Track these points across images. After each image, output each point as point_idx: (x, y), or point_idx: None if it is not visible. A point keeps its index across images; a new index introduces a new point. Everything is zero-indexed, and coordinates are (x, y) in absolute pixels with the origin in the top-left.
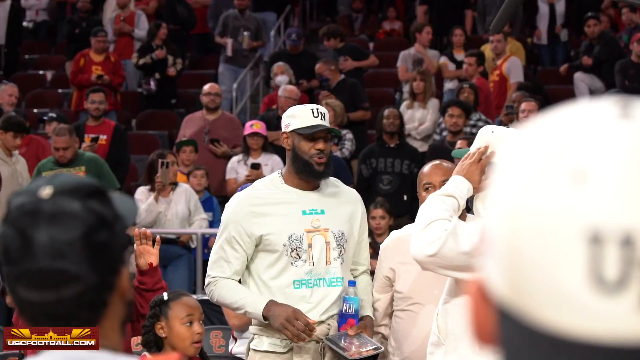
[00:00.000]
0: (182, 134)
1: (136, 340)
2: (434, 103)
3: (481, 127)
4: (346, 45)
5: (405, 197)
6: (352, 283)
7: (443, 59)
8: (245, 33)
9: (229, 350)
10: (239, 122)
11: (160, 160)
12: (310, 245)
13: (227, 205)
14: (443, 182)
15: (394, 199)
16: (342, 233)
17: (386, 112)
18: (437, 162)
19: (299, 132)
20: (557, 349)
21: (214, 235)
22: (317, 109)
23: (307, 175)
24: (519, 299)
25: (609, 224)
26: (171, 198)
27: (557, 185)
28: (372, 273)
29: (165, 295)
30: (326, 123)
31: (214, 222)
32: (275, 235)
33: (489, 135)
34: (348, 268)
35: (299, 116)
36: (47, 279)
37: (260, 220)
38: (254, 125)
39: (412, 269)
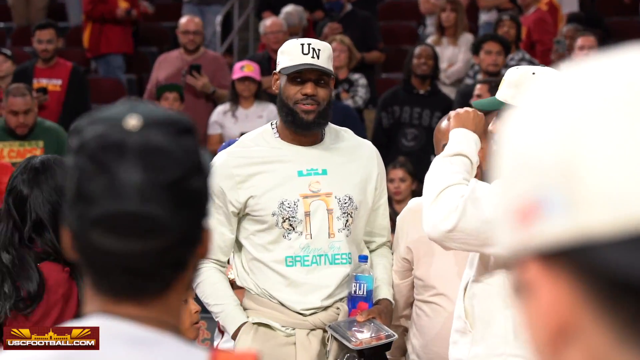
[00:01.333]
0: (154, 77)
1: None
2: (467, 39)
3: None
4: None
5: (432, 157)
6: (363, 258)
7: None
8: None
9: (215, 345)
10: (226, 62)
11: None
12: (307, 214)
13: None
14: None
15: (418, 159)
16: (350, 198)
17: (417, 50)
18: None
19: (284, 72)
20: None
21: None
22: (309, 44)
23: (292, 126)
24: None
25: None
26: None
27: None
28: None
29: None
30: (320, 62)
31: None
32: (262, 201)
33: (528, 78)
34: (358, 241)
35: (288, 52)
36: (133, 225)
37: (246, 183)
38: (245, 68)
39: (435, 250)
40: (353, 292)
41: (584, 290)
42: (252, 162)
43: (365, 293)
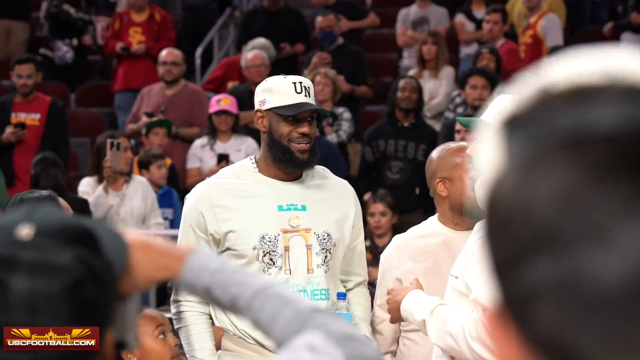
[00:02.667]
0: (136, 109)
1: None
2: (447, 72)
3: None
4: (339, 1)
5: (417, 190)
6: (341, 295)
7: (460, 17)
8: None
9: None
10: (205, 96)
11: (109, 141)
12: (286, 249)
13: (187, 199)
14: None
15: (403, 192)
16: (328, 235)
17: (402, 82)
18: (462, 144)
19: (278, 112)
20: None
21: (176, 236)
22: (301, 83)
23: (287, 165)
24: None
25: None
26: (124, 192)
27: None
28: (370, 284)
29: None
30: (311, 100)
31: (175, 221)
32: (243, 235)
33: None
34: (336, 278)
35: (278, 91)
36: None
37: (226, 215)
38: (222, 101)
39: (425, 279)
40: None
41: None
42: (231, 194)
43: None
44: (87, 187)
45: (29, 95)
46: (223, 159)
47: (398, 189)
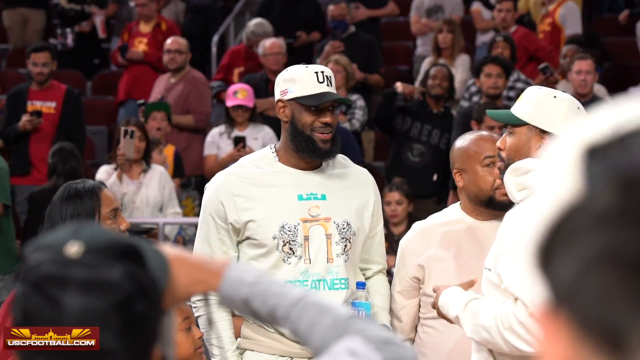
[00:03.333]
0: (153, 95)
1: None
2: (463, 60)
3: (520, 89)
4: None
5: (435, 177)
6: (361, 285)
7: (476, 5)
8: None
9: None
10: (205, 84)
11: (123, 129)
12: (306, 238)
13: (207, 187)
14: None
15: (421, 176)
16: (348, 224)
17: (433, 70)
18: (481, 133)
19: (301, 102)
20: None
21: (195, 224)
22: (323, 72)
23: (310, 154)
24: None
25: None
26: (141, 181)
27: None
28: (388, 273)
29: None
30: (333, 90)
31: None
32: (263, 224)
33: (548, 100)
34: (356, 267)
35: (301, 80)
36: (76, 354)
37: (246, 205)
38: (239, 94)
39: (448, 266)
40: None
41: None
42: (251, 183)
43: None
44: (104, 174)
45: (45, 84)
46: (240, 142)
47: (416, 173)
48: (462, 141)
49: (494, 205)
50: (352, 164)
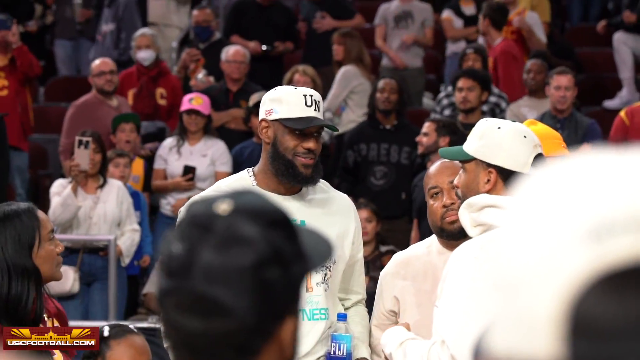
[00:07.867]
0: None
1: None
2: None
3: (494, 103)
4: None
5: (403, 195)
6: (342, 316)
7: (447, 13)
8: None
9: None
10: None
11: (77, 139)
12: None
13: (180, 212)
14: (451, 184)
15: (389, 197)
16: None
17: (381, 83)
18: (435, 164)
19: (286, 124)
20: None
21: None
22: (311, 96)
23: (289, 179)
24: None
25: None
26: (98, 196)
27: None
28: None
29: (105, 330)
30: (320, 115)
31: (141, 224)
32: None
33: (493, 132)
34: (335, 297)
35: (288, 102)
36: (196, 305)
37: None
38: (194, 100)
39: (422, 301)
40: (332, 353)
41: None
42: None
43: (345, 354)
44: (59, 187)
45: None
46: (189, 172)
47: (383, 195)
48: (426, 172)
49: (445, 235)
50: (332, 190)
